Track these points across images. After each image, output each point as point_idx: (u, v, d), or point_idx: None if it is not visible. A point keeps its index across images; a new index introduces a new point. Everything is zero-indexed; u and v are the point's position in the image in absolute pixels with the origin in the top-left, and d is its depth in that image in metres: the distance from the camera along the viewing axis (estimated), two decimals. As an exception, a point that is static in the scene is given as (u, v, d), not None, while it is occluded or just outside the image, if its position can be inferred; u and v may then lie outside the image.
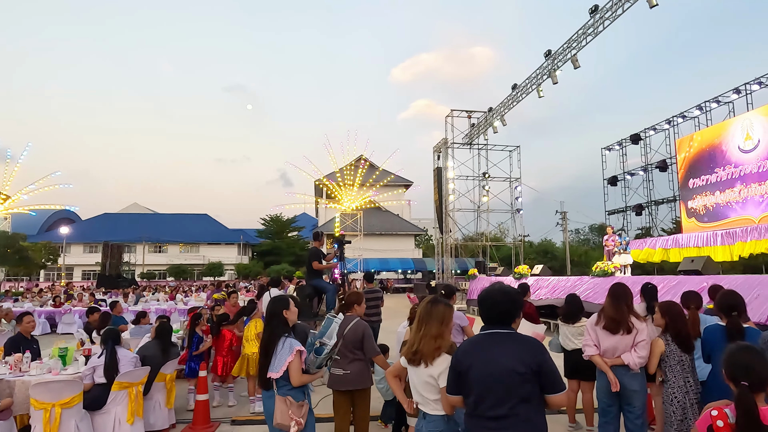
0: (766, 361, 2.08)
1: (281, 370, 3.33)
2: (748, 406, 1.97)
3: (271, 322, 3.55)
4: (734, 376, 2.07)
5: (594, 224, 49.76)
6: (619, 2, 13.69)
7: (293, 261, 49.32)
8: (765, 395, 2.06)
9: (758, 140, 16.84)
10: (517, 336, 2.44)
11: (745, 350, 2.16)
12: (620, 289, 4.15)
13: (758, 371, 2.03)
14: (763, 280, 8.38)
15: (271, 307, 3.61)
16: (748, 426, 1.96)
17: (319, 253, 8.49)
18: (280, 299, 3.68)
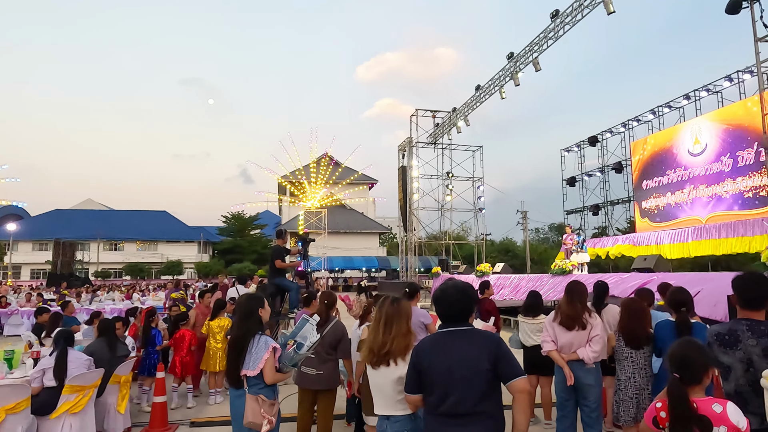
0: (703, 355, 2.19)
1: (258, 367, 3.28)
2: (677, 397, 2.07)
3: (247, 319, 3.50)
4: (671, 369, 2.18)
5: (553, 223, 51.17)
6: (578, 8, 14.10)
7: (256, 259, 48.57)
8: (702, 387, 2.17)
9: (705, 144, 17.72)
10: (475, 332, 2.47)
11: (685, 345, 2.26)
12: (576, 287, 4.29)
13: (691, 365, 2.14)
14: (708, 278, 8.82)
15: (247, 304, 3.56)
16: (677, 416, 2.07)
17: (283, 251, 8.40)
18: (256, 297, 3.66)
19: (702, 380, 2.17)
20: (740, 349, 2.82)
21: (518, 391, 2.31)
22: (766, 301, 2.89)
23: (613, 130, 23.41)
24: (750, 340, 2.82)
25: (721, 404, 2.09)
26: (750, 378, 2.77)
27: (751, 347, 2.80)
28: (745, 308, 2.93)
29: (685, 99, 19.49)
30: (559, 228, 46.25)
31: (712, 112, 17.80)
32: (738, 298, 2.99)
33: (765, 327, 2.80)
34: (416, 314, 4.74)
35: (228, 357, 3.60)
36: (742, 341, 2.84)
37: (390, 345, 2.73)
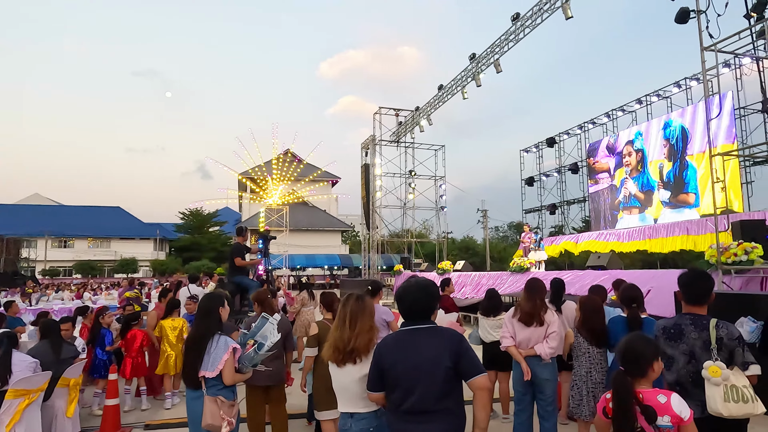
0: (649, 349, 2.29)
1: (217, 368, 3.21)
2: (619, 388, 2.19)
3: (205, 318, 3.43)
4: (619, 361, 2.28)
5: (512, 222, 52.28)
6: (538, 12, 14.44)
7: (214, 257, 47.49)
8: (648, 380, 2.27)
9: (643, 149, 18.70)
10: (437, 330, 2.49)
11: (632, 339, 2.37)
12: (535, 284, 4.40)
13: (636, 358, 2.25)
14: (657, 275, 9.22)
15: (207, 303, 3.50)
16: (619, 406, 2.17)
17: (242, 248, 8.26)
18: (215, 296, 3.60)
19: (647, 373, 2.27)
20: (684, 342, 2.98)
21: (478, 389, 2.34)
22: (707, 297, 3.06)
23: (570, 132, 24.12)
24: (693, 334, 2.98)
25: (665, 395, 2.19)
26: (691, 369, 2.92)
27: (694, 340, 2.96)
28: (689, 304, 3.09)
29: (637, 103, 20.30)
30: (518, 226, 47.35)
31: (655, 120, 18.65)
32: (683, 294, 3.15)
33: (706, 321, 2.96)
34: (379, 312, 4.76)
35: (185, 357, 3.52)
36: (685, 334, 2.99)
37: (355, 342, 2.72)
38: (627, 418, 2.15)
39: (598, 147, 21.87)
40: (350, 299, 2.87)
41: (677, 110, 18.15)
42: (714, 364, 2.83)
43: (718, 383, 2.80)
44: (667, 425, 2.13)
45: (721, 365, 2.84)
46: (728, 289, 7.59)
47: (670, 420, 2.13)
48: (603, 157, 21.44)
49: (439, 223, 27.12)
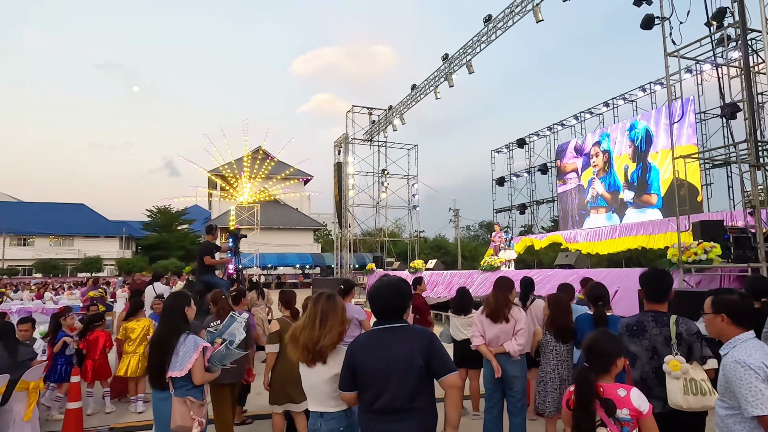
0: (613, 345, 2.36)
1: (186, 368, 3.14)
2: (582, 382, 2.27)
3: (171, 317, 3.37)
4: (585, 357, 2.34)
5: (483, 221, 52.94)
6: (510, 14, 14.66)
7: (183, 256, 46.52)
8: (611, 375, 2.35)
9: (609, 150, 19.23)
10: (410, 328, 2.51)
11: (597, 335, 2.43)
12: (501, 281, 4.47)
13: (601, 355, 2.32)
14: (623, 273, 9.49)
15: (172, 302, 3.43)
16: (579, 399, 2.25)
17: (212, 247, 8.11)
18: (181, 295, 3.56)
19: (610, 369, 2.33)
20: (646, 339, 3.09)
21: (450, 387, 2.36)
22: (667, 295, 3.17)
23: (540, 133, 24.56)
24: (654, 330, 3.09)
25: (625, 389, 2.26)
26: (654, 365, 3.02)
27: (655, 336, 3.07)
28: (651, 301, 3.20)
29: (604, 106, 20.82)
30: (489, 226, 47.98)
31: (619, 123, 19.19)
32: (644, 293, 3.26)
33: (667, 318, 3.07)
34: (351, 310, 4.75)
35: (151, 358, 3.45)
36: (647, 331, 3.10)
37: (324, 340, 2.71)
38: (585, 410, 2.22)
39: (566, 148, 22.35)
40: (321, 298, 2.84)
41: (642, 113, 18.73)
42: (674, 359, 2.94)
43: (678, 377, 2.90)
44: (626, 418, 2.19)
45: (680, 359, 2.94)
46: (688, 287, 7.88)
47: (629, 413, 2.19)
48: (571, 158, 21.93)
49: (412, 222, 27.27)
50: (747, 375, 2.15)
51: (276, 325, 4.41)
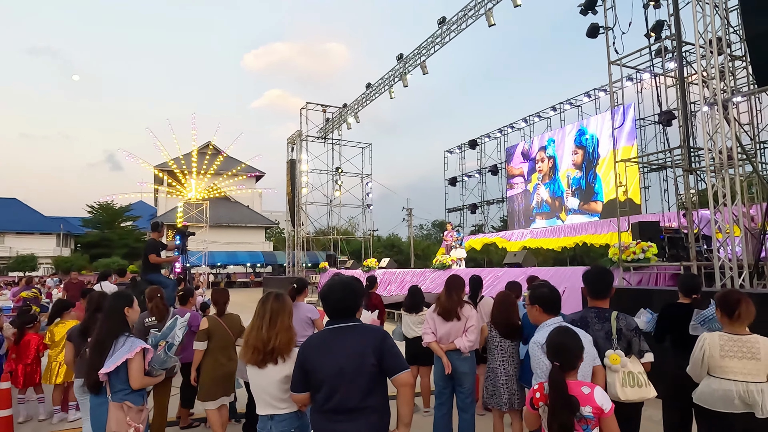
0: (577, 343, 2.43)
1: (111, 366, 3.00)
2: (555, 381, 2.30)
3: (109, 318, 3.21)
4: (550, 357, 2.40)
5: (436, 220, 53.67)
6: (463, 17, 14.93)
7: (126, 254, 44.53)
8: (576, 372, 2.42)
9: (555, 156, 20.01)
10: (362, 327, 2.50)
11: (561, 334, 2.49)
12: (454, 280, 4.54)
13: (568, 353, 2.37)
14: (568, 273, 9.87)
15: (112, 303, 3.27)
16: (555, 397, 2.28)
17: (158, 245, 7.83)
18: (123, 295, 3.40)
19: (576, 365, 2.41)
20: (589, 334, 3.23)
21: (402, 385, 2.38)
22: (609, 292, 3.33)
23: (491, 135, 25.17)
24: (596, 325, 3.24)
25: (589, 387, 2.32)
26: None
27: (597, 331, 3.22)
28: (594, 298, 3.35)
29: (552, 110, 21.59)
30: (441, 225, 48.69)
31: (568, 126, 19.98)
32: (587, 290, 3.41)
33: (609, 314, 3.22)
34: (304, 310, 4.70)
35: (90, 360, 3.28)
36: (590, 327, 3.24)
37: (275, 341, 2.67)
38: (564, 408, 2.25)
39: (514, 152, 23.01)
40: (270, 297, 2.80)
41: (588, 118, 19.50)
42: (614, 353, 3.09)
43: (617, 370, 3.05)
44: (588, 415, 2.25)
45: (620, 353, 3.10)
46: (628, 284, 8.29)
47: (591, 411, 2.25)
48: (518, 163, 22.62)
49: (366, 220, 27.29)
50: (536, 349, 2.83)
51: (205, 323, 4.50)
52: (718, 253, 6.78)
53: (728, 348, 2.97)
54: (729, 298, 3.08)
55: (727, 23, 7.62)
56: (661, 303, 4.29)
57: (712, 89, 7.03)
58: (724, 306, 3.07)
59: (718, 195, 6.92)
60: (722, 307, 3.09)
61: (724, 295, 3.14)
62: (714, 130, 6.95)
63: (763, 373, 2.92)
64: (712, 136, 6.96)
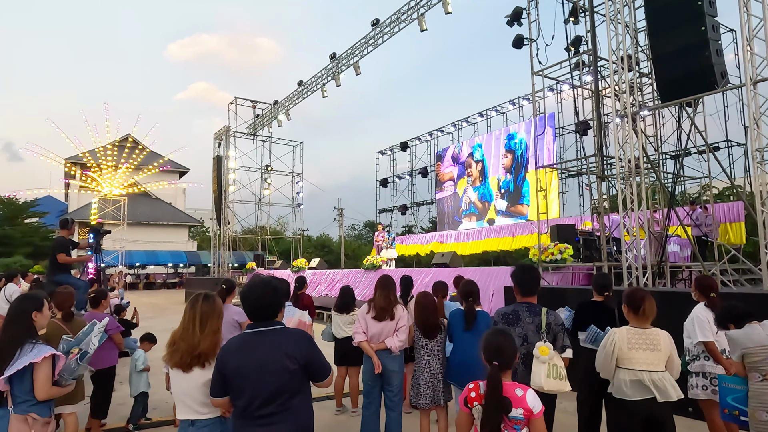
0: (513, 344, 2.50)
1: (14, 370, 2.73)
2: (494, 381, 2.33)
3: (13, 323, 2.91)
4: (488, 357, 2.43)
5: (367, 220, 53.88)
6: (396, 20, 15.12)
7: (31, 253, 40.91)
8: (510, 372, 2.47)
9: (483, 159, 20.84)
10: (284, 331, 2.44)
11: (498, 334, 2.54)
12: (387, 281, 4.58)
13: (505, 353, 2.43)
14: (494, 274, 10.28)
15: (18, 305, 2.97)
16: (491, 397, 2.31)
17: (67, 243, 7.24)
18: (31, 297, 3.09)
19: (512, 365, 2.47)
20: (520, 326, 3.42)
21: (325, 387, 2.46)
22: (537, 288, 3.53)
23: (421, 138, 25.70)
24: (528, 319, 3.43)
25: (522, 389, 2.37)
26: (523, 351, 3.34)
27: (528, 325, 3.42)
28: (523, 295, 3.53)
29: (479, 116, 22.41)
30: (372, 225, 48.97)
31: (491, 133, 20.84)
32: (517, 287, 3.59)
33: (538, 309, 3.42)
34: (231, 312, 4.55)
35: None
36: (521, 320, 3.44)
37: (203, 344, 2.56)
38: (498, 409, 2.28)
39: (444, 155, 23.65)
40: (198, 299, 2.67)
41: (517, 123, 20.41)
42: (544, 345, 3.27)
43: (545, 361, 3.23)
44: (519, 417, 2.30)
45: (549, 345, 3.28)
46: (546, 283, 8.78)
47: (522, 413, 2.30)
48: (448, 167, 23.29)
49: (296, 220, 26.88)
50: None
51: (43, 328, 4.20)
52: (627, 254, 7.34)
53: (635, 341, 3.23)
54: (635, 296, 3.35)
55: (636, 42, 8.27)
56: (577, 301, 4.58)
57: (623, 102, 7.60)
58: (631, 303, 3.33)
59: (627, 200, 7.49)
60: (629, 303, 3.35)
61: (631, 293, 3.41)
62: (624, 140, 7.52)
63: (662, 363, 3.21)
64: (622, 146, 7.52)
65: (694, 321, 4.05)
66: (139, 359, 5.32)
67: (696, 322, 4.03)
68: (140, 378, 5.29)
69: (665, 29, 7.01)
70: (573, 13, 9.89)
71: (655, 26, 7.11)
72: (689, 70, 6.73)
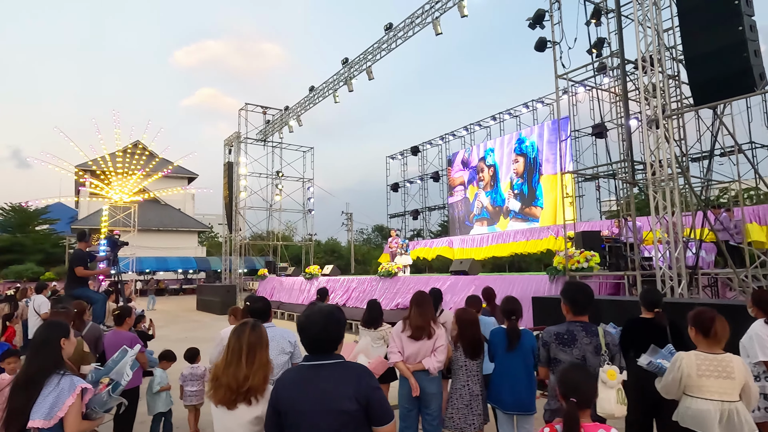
0: (593, 381, 2.31)
1: (56, 416, 2.53)
2: (572, 421, 2.15)
3: (41, 352, 2.70)
4: (565, 393, 2.25)
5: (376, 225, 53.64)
6: (410, 24, 14.94)
7: (42, 260, 41.05)
8: (591, 413, 2.28)
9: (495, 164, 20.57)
10: (344, 366, 2.24)
11: (576, 370, 2.37)
12: (422, 297, 4.36)
13: (584, 390, 2.23)
14: (518, 279, 10.04)
15: (44, 333, 2.75)
16: None
17: (85, 256, 7.10)
18: (57, 323, 2.85)
19: (591, 403, 2.28)
20: (577, 348, 3.19)
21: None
22: (590, 307, 3.30)
23: (432, 142, 25.47)
24: (585, 339, 3.20)
25: (605, 430, 2.19)
26: None
27: (586, 345, 3.19)
28: (576, 314, 3.30)
29: (492, 120, 22.15)
30: (380, 229, 48.78)
31: (502, 137, 20.59)
32: (569, 305, 3.35)
33: (594, 329, 3.20)
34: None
35: (10, 403, 2.76)
36: (578, 340, 3.20)
37: (253, 380, 2.36)
38: None
39: (454, 159, 23.44)
40: (246, 329, 2.46)
41: (529, 127, 20.13)
42: (611, 368, 3.05)
43: (614, 386, 3.01)
44: None
45: (616, 369, 3.06)
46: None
47: None
48: (458, 171, 23.07)
49: (306, 225, 26.73)
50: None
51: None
52: (660, 262, 7.07)
53: (705, 367, 2.98)
54: (703, 316, 3.09)
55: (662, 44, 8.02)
56: (611, 313, 4.35)
57: (653, 106, 7.36)
58: (700, 324, 3.08)
59: (659, 206, 7.23)
60: (697, 325, 3.10)
61: (698, 314, 3.16)
62: (656, 144, 7.26)
63: (737, 392, 2.96)
64: (653, 151, 7.26)
65: (754, 339, 3.80)
66: (155, 379, 5.12)
67: (756, 339, 3.78)
68: (157, 398, 5.09)
69: (699, 30, 6.76)
70: (595, 15, 9.65)
71: (688, 27, 6.86)
72: (726, 72, 6.48)
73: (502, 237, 19.36)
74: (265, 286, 20.78)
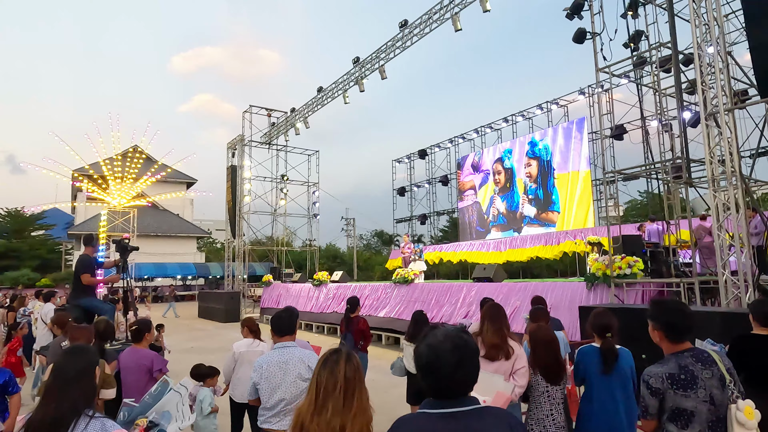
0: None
1: None
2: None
3: (72, 385, 2.02)
4: None
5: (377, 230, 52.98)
6: (428, 20, 14.37)
7: (38, 266, 40.21)
8: None
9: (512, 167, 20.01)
10: (488, 413, 1.61)
11: None
12: (497, 311, 3.73)
13: None
14: (544, 288, 9.41)
15: (76, 362, 2.07)
16: None
17: (92, 262, 6.45)
18: (86, 350, 2.18)
19: None
20: (701, 388, 2.44)
21: None
22: (693, 330, 2.62)
23: (441, 145, 24.90)
24: (705, 373, 2.46)
25: None
26: (711, 418, 2.44)
27: (708, 380, 2.46)
28: (676, 342, 2.53)
29: (504, 122, 21.59)
30: (380, 235, 48.18)
31: (518, 138, 20.04)
32: (665, 331, 2.57)
33: (707, 355, 2.50)
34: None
35: None
36: (698, 377, 2.47)
37: (351, 427, 1.72)
38: None
39: (464, 163, 22.86)
40: (340, 360, 1.83)
41: (543, 130, 19.56)
42: (747, 404, 2.40)
43: (753, 427, 2.36)
44: None
45: (751, 404, 2.41)
46: (619, 302, 7.88)
47: None
48: (468, 175, 22.48)
49: (311, 230, 26.08)
50: None
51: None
52: (723, 269, 6.47)
53: None
54: None
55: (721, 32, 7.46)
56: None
57: (711, 100, 6.79)
58: None
59: (719, 207, 6.64)
60: None
61: None
62: (714, 142, 6.69)
63: None
64: (712, 149, 6.68)
65: None
66: (205, 400, 4.39)
67: None
68: (209, 423, 4.36)
69: (764, 15, 6.21)
70: (632, 6, 9.10)
71: (753, 11, 6.31)
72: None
73: (516, 242, 18.78)
74: (271, 293, 20.07)
